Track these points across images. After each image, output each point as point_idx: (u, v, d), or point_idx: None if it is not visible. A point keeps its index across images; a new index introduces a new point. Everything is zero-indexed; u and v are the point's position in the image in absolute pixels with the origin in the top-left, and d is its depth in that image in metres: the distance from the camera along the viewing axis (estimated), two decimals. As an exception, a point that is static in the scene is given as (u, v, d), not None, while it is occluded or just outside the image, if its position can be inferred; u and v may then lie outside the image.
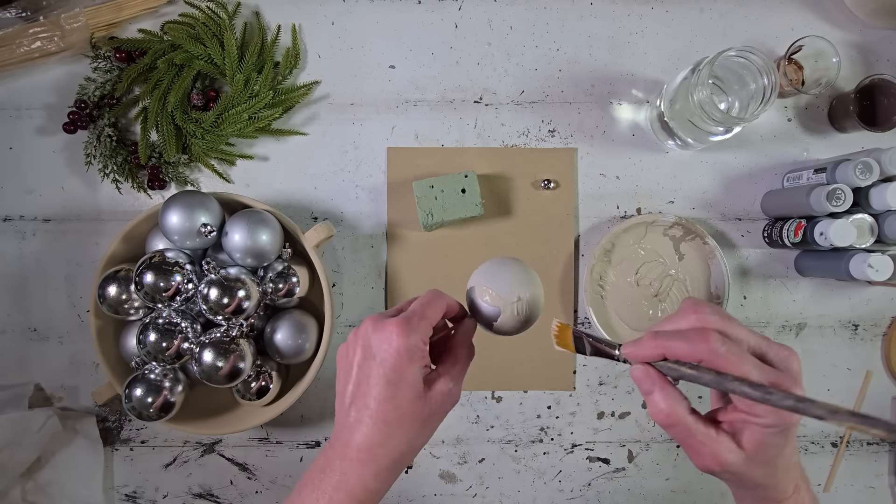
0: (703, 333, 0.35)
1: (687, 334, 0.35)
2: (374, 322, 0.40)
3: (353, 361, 0.40)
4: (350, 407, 0.40)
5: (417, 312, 0.41)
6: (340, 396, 0.41)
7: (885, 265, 0.61)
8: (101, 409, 0.71)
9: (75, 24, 0.68)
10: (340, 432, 0.40)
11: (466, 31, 0.72)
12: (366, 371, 0.39)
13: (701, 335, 0.35)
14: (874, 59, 0.72)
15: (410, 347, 0.39)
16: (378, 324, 0.40)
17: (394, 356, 0.38)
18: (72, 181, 0.72)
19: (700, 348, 0.34)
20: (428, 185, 0.68)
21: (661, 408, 0.36)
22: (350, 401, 0.40)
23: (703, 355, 0.34)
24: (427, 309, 0.41)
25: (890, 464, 0.72)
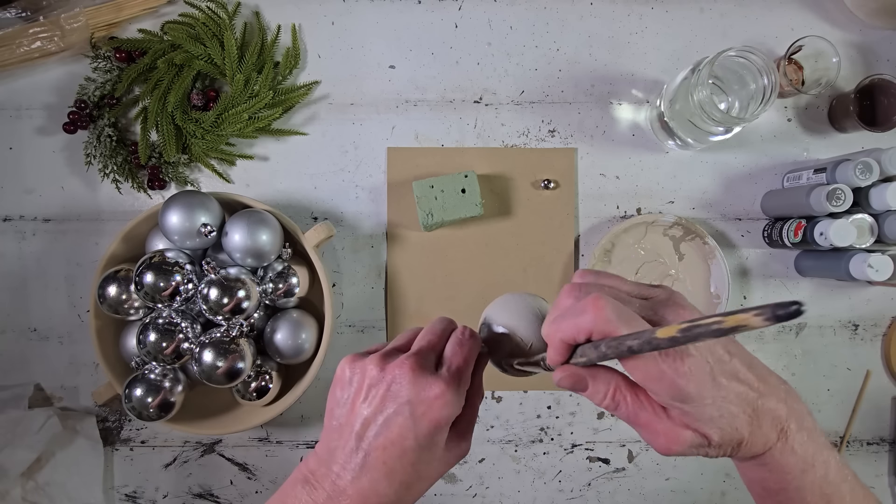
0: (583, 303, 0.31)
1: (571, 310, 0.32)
2: (415, 372, 0.36)
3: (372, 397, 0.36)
4: (357, 451, 0.36)
5: (464, 374, 0.37)
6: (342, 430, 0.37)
7: (885, 265, 0.61)
8: (101, 409, 0.71)
9: (75, 24, 0.68)
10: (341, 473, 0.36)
11: (466, 31, 0.72)
12: (392, 425, 0.35)
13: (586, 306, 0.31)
14: (874, 59, 0.72)
15: (451, 417, 0.36)
16: (420, 377, 0.36)
17: (434, 426, 0.36)
18: (72, 181, 0.72)
19: (584, 322, 0.31)
20: (428, 185, 0.68)
21: (604, 391, 0.33)
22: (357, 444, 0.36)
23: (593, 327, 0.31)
24: (468, 368, 0.38)
25: (890, 464, 0.72)
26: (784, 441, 0.34)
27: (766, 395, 0.33)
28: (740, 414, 0.33)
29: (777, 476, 0.35)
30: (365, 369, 0.37)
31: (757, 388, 0.33)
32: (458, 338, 0.38)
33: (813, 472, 0.34)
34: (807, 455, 0.34)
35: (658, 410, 0.33)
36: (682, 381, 0.31)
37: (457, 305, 0.71)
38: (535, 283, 0.72)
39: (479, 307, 0.43)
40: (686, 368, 0.31)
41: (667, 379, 0.31)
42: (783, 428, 0.34)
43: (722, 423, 0.32)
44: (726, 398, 0.32)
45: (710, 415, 0.32)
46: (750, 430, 0.33)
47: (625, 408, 0.33)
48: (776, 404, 0.34)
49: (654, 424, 0.33)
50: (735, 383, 0.33)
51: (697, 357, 0.31)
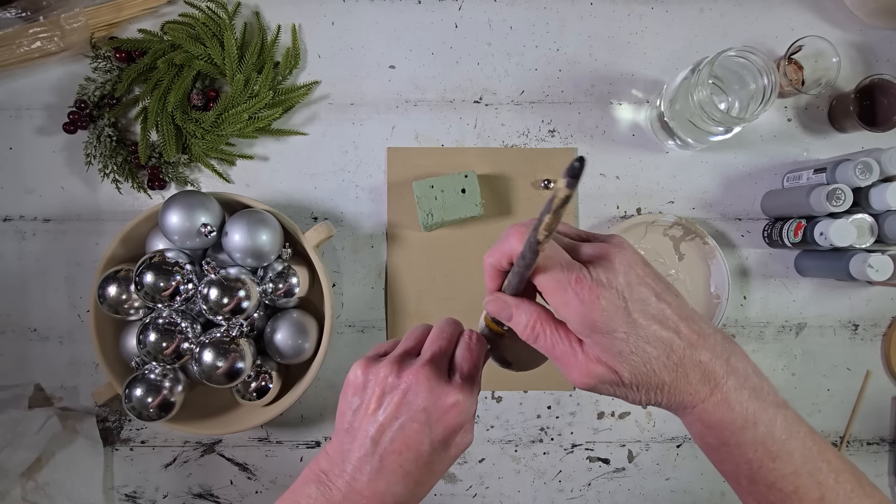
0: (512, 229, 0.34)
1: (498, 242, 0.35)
2: (431, 381, 0.37)
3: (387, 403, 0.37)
4: (374, 454, 0.37)
5: (476, 379, 0.38)
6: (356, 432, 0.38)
7: (885, 265, 0.61)
8: (101, 409, 0.71)
9: (75, 24, 0.68)
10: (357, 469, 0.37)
11: (466, 31, 0.72)
12: (409, 431, 0.36)
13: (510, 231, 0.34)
14: (874, 59, 0.72)
15: (466, 422, 0.38)
16: (436, 386, 0.37)
17: (449, 432, 0.37)
18: (72, 181, 0.72)
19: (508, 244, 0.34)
20: (428, 185, 0.68)
21: (525, 320, 0.35)
22: (378, 447, 0.37)
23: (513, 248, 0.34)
24: (479, 373, 0.39)
25: (890, 464, 0.72)
26: (719, 396, 0.34)
27: (697, 346, 0.34)
28: (660, 357, 0.33)
29: (715, 432, 0.35)
30: (379, 375, 0.38)
31: (686, 338, 0.34)
32: (468, 343, 0.39)
33: (754, 430, 0.34)
34: (747, 413, 0.34)
35: (574, 344, 0.34)
36: (587, 308, 0.32)
37: (457, 305, 0.71)
38: (535, 283, 0.72)
39: (479, 307, 0.43)
40: (594, 297, 0.32)
41: (574, 305, 0.32)
42: (717, 383, 0.34)
43: (634, 361, 0.33)
44: (642, 337, 0.33)
45: (621, 349, 0.33)
46: (672, 377, 0.34)
47: (544, 339, 0.35)
48: (710, 359, 0.34)
49: (570, 358, 0.34)
50: (656, 326, 0.33)
51: (610, 290, 0.33)
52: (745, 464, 0.35)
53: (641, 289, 0.34)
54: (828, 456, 0.36)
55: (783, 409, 0.35)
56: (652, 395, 0.35)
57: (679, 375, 0.34)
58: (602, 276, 0.33)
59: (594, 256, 0.34)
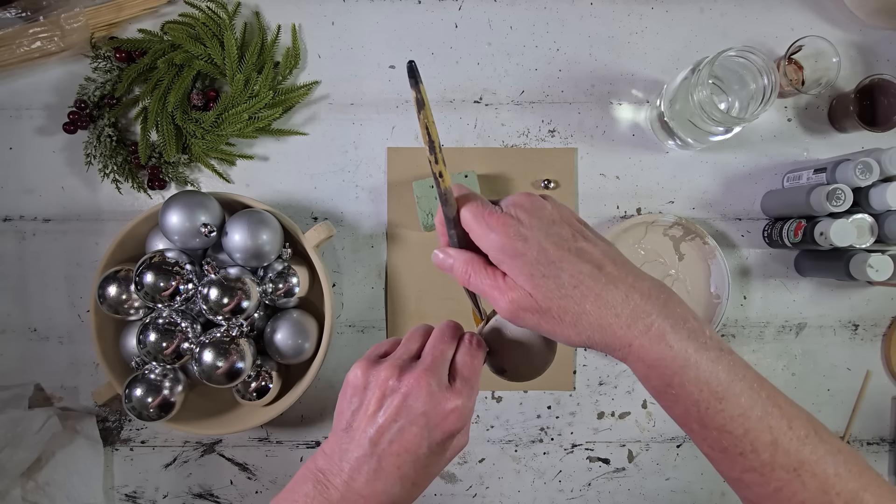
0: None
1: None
2: (431, 386, 0.37)
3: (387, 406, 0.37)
4: (373, 455, 0.37)
5: (475, 384, 0.39)
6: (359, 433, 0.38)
7: (885, 265, 0.61)
8: (101, 409, 0.71)
9: (75, 24, 0.68)
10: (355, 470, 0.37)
11: (466, 31, 0.72)
12: (408, 434, 0.37)
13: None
14: (874, 59, 0.72)
15: (464, 426, 0.38)
16: (437, 391, 0.37)
17: (447, 436, 0.38)
18: (72, 181, 0.72)
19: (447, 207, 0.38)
20: (428, 185, 0.68)
21: (461, 266, 0.38)
22: (376, 448, 0.37)
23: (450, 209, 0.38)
24: (478, 377, 0.40)
25: (890, 464, 0.72)
26: (655, 332, 0.35)
27: (623, 283, 0.35)
28: (577, 286, 0.35)
29: (657, 372, 0.35)
30: (380, 378, 0.38)
31: (608, 273, 0.35)
32: (468, 347, 0.40)
33: (696, 369, 0.34)
34: (687, 352, 0.34)
35: (498, 276, 0.36)
36: (496, 234, 0.35)
37: (457, 306, 0.71)
38: (535, 283, 0.72)
39: (479, 307, 0.43)
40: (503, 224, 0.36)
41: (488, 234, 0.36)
42: (652, 321, 0.35)
43: (548, 284, 0.35)
44: (555, 264, 0.35)
45: (532, 272, 0.35)
46: (595, 307, 0.35)
47: (475, 278, 0.37)
48: (640, 296, 0.35)
49: (494, 289, 0.36)
50: (573, 257, 0.35)
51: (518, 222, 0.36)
52: (693, 405, 0.35)
53: (558, 227, 0.37)
54: (778, 401, 0.35)
55: (728, 354, 0.35)
56: (579, 328, 0.35)
57: (602, 306, 0.35)
58: (513, 210, 0.36)
59: (512, 201, 0.37)
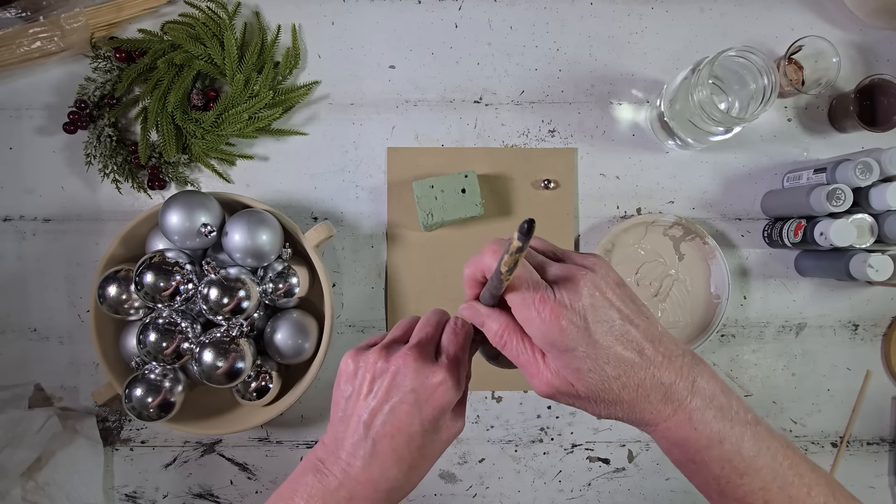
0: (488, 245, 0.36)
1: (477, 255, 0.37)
2: (418, 362, 0.38)
3: (377, 388, 0.38)
4: (366, 439, 0.38)
5: (461, 360, 0.39)
6: (349, 419, 0.38)
7: (885, 265, 0.61)
8: (101, 409, 0.71)
9: (75, 24, 0.68)
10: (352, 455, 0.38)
11: (466, 31, 0.72)
12: (399, 413, 0.37)
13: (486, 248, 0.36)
14: (874, 59, 0.72)
15: (453, 402, 0.38)
16: (423, 366, 0.38)
17: (438, 411, 0.38)
18: (72, 181, 0.72)
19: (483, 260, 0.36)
20: (428, 185, 0.68)
21: (495, 329, 0.37)
22: (370, 431, 0.38)
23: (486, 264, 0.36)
24: (464, 355, 0.40)
25: (890, 464, 0.72)
26: (682, 416, 0.35)
27: (661, 367, 0.35)
28: (619, 377, 0.34)
29: (680, 449, 0.36)
30: (368, 361, 0.39)
31: (649, 358, 0.35)
32: (453, 327, 0.41)
33: (720, 447, 0.35)
34: (711, 432, 0.35)
35: (537, 355, 0.36)
36: (547, 326, 0.34)
37: (456, 305, 0.71)
38: (535, 283, 0.72)
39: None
40: (555, 317, 0.34)
41: (536, 322, 0.34)
42: (680, 403, 0.35)
43: (591, 378, 0.34)
44: (602, 357, 0.34)
45: (579, 367, 0.34)
46: (631, 396, 0.35)
47: (510, 348, 0.37)
48: (674, 380, 0.35)
49: (532, 367, 0.36)
50: (619, 346, 0.34)
51: (571, 311, 0.34)
52: (714, 479, 0.36)
53: (607, 311, 0.35)
54: (800, 469, 0.36)
55: (753, 426, 0.36)
56: (610, 410, 0.36)
57: (639, 395, 0.35)
58: (565, 298, 0.34)
59: (561, 277, 0.35)
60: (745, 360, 0.73)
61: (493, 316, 0.37)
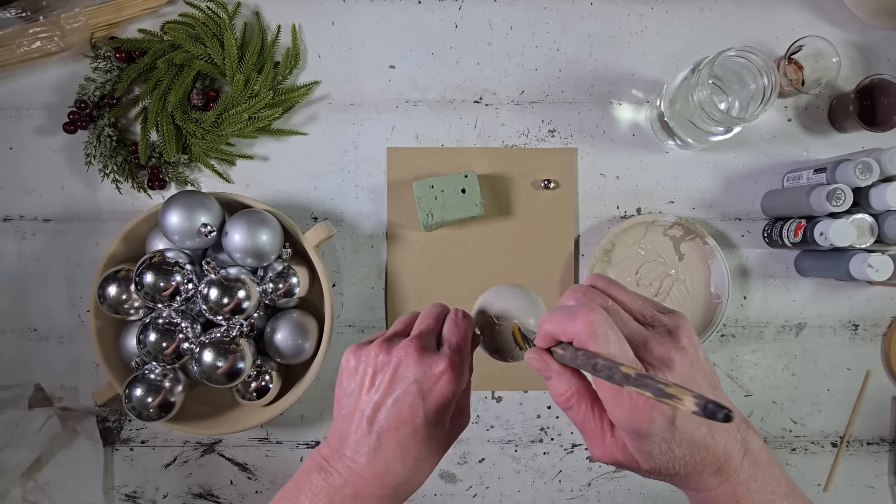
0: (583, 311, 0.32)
1: (567, 310, 0.33)
2: (420, 353, 0.37)
3: (380, 381, 0.37)
4: (371, 433, 0.37)
5: (463, 351, 0.39)
6: (353, 416, 0.38)
7: (885, 265, 0.61)
8: (101, 409, 0.71)
9: (75, 24, 0.68)
10: (356, 451, 0.37)
11: (466, 31, 0.72)
12: (402, 405, 0.37)
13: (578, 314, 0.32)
14: (874, 59, 0.72)
15: (457, 392, 0.38)
16: (425, 357, 0.37)
17: (442, 402, 0.37)
18: (72, 181, 0.72)
19: (573, 328, 0.32)
20: (428, 185, 0.68)
21: (561, 391, 0.34)
22: (374, 426, 0.37)
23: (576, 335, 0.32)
24: (466, 346, 0.40)
25: (890, 464, 0.72)
26: (728, 489, 0.34)
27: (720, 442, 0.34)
28: (684, 457, 0.33)
29: None
30: (370, 355, 0.39)
31: (714, 438, 0.33)
32: (454, 318, 0.40)
33: None
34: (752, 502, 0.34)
35: (606, 426, 0.34)
36: (637, 417, 0.31)
37: (457, 305, 0.71)
38: (535, 283, 0.72)
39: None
40: (648, 409, 0.31)
41: (625, 409, 0.31)
42: (728, 476, 0.34)
43: (660, 460, 0.33)
44: (675, 441, 0.32)
45: (651, 450, 0.33)
46: (687, 472, 0.34)
47: (577, 413, 0.34)
48: (729, 452, 0.34)
49: (597, 437, 0.34)
50: (693, 429, 0.33)
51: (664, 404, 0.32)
52: None
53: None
54: None
55: (790, 498, 0.35)
56: (662, 479, 0.35)
57: (695, 471, 0.34)
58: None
59: (658, 360, 0.33)
60: (745, 360, 0.73)
61: (564, 377, 0.34)
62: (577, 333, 0.32)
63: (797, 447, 0.72)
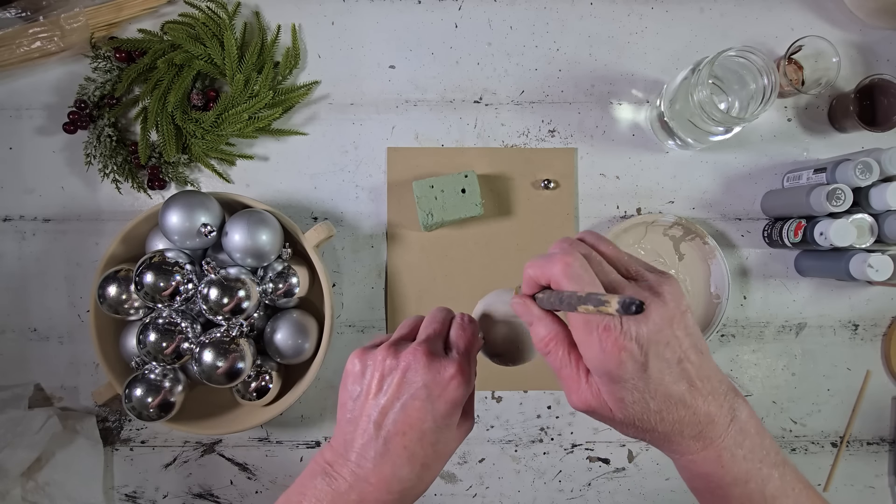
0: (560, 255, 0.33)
1: (548, 256, 0.34)
2: (429, 357, 0.37)
3: (388, 386, 0.37)
4: (378, 438, 0.37)
5: (471, 354, 0.39)
6: (363, 419, 0.38)
7: (885, 265, 0.61)
8: (101, 409, 0.71)
9: (75, 24, 0.68)
10: (362, 456, 0.37)
11: (466, 31, 0.72)
12: (411, 409, 0.37)
13: (556, 257, 0.33)
14: (874, 59, 0.72)
15: (465, 396, 0.38)
16: (434, 362, 0.37)
17: (450, 406, 0.37)
18: (72, 181, 0.72)
19: (551, 270, 0.33)
20: (428, 185, 0.68)
21: (542, 335, 0.35)
22: (381, 430, 0.37)
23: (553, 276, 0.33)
24: (474, 350, 0.40)
25: (890, 464, 0.72)
26: (711, 453, 0.34)
27: (702, 405, 0.34)
28: (660, 411, 0.33)
29: (702, 481, 0.35)
30: (377, 360, 0.38)
31: (694, 397, 0.34)
32: (460, 323, 0.40)
33: (744, 486, 0.34)
34: (738, 471, 0.34)
35: (581, 372, 0.35)
36: (605, 356, 0.32)
37: (457, 305, 0.70)
38: (535, 283, 0.72)
39: (479, 307, 0.43)
40: (617, 349, 0.32)
41: (595, 349, 0.32)
42: (712, 440, 0.34)
43: (633, 409, 0.33)
44: (650, 391, 0.33)
45: (624, 396, 0.33)
46: (666, 429, 0.34)
47: (554, 358, 0.35)
48: (711, 417, 0.34)
49: (573, 382, 0.35)
50: (668, 382, 0.33)
51: (634, 345, 0.32)
52: None
53: (669, 350, 0.33)
54: None
55: (780, 468, 0.35)
56: (639, 435, 0.35)
57: (674, 429, 0.34)
58: (632, 330, 0.32)
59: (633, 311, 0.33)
60: (745, 360, 0.73)
61: (545, 321, 0.35)
62: (554, 275, 0.33)
63: (797, 447, 0.72)
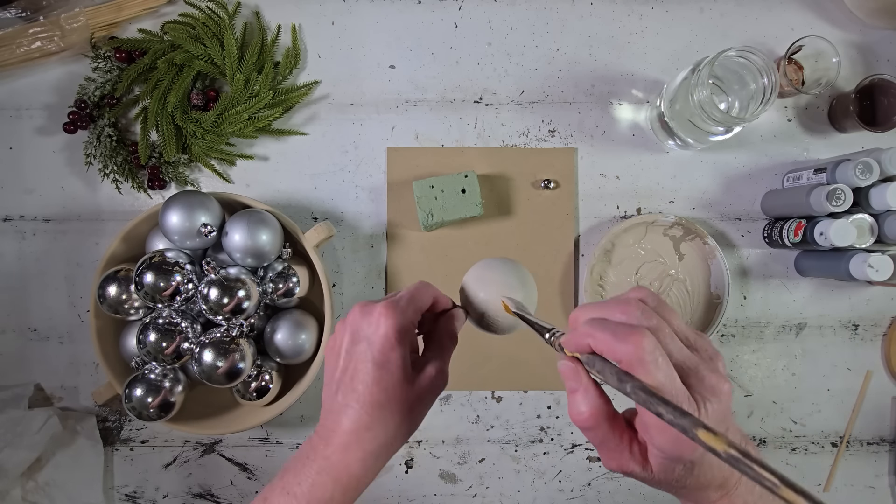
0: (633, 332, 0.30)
1: (618, 329, 0.31)
2: (362, 307, 0.40)
3: (340, 348, 0.40)
4: (337, 392, 0.39)
5: (405, 297, 0.41)
6: (328, 385, 0.41)
7: (885, 265, 0.61)
8: (101, 409, 0.71)
9: (75, 24, 0.68)
10: (327, 419, 0.40)
11: (466, 31, 0.72)
12: (353, 355, 0.39)
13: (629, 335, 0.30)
14: (874, 59, 0.72)
15: (398, 329, 0.38)
16: (366, 308, 0.40)
17: (382, 339, 0.38)
18: (72, 181, 0.72)
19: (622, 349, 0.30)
20: (428, 185, 0.68)
21: (581, 410, 0.33)
22: (337, 387, 0.39)
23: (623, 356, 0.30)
24: (415, 293, 0.41)
25: (890, 464, 0.72)
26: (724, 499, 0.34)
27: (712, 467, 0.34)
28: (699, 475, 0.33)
29: None
30: (338, 334, 0.41)
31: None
32: (410, 284, 0.43)
33: None
34: None
35: (625, 442, 0.33)
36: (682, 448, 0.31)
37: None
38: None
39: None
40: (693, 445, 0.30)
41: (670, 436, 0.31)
42: (728, 491, 0.34)
43: (676, 475, 0.33)
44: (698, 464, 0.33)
45: (675, 468, 0.32)
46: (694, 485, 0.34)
47: (593, 435, 0.33)
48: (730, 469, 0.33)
49: (615, 453, 0.33)
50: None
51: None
52: None
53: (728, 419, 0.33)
54: None
55: None
56: (667, 489, 0.35)
57: (701, 485, 0.34)
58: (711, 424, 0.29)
59: (709, 390, 0.31)
60: (745, 360, 0.73)
61: (590, 395, 0.33)
62: (625, 356, 0.30)
63: (797, 447, 0.72)
